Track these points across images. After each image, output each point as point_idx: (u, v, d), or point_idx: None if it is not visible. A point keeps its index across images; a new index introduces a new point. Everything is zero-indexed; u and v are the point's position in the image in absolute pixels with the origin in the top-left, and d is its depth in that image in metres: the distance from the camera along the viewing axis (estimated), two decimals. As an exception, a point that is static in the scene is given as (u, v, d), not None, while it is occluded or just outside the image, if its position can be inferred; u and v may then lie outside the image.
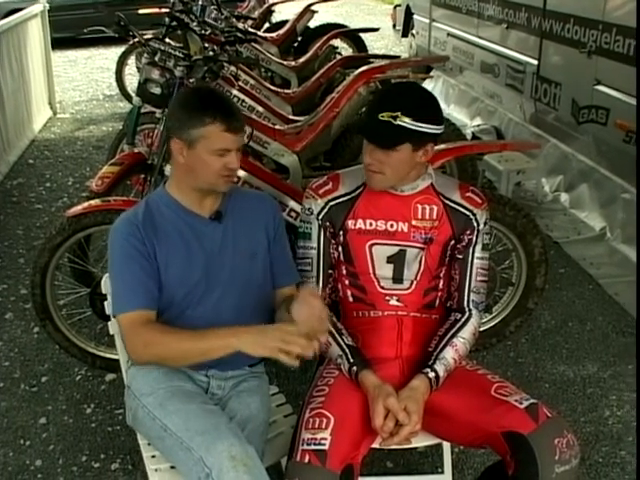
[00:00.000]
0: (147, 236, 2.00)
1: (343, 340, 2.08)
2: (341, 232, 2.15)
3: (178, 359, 1.93)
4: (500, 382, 2.03)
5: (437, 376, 2.01)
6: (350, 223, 2.13)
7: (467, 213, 2.14)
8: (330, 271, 2.21)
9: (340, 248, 2.17)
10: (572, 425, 2.94)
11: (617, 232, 4.51)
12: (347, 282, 2.19)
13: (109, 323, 2.25)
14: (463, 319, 2.15)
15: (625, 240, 4.39)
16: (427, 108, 2.01)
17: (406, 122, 1.94)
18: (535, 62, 5.52)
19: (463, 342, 2.10)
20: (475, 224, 2.14)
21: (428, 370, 2.01)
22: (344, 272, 2.19)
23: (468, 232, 2.14)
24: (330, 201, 2.15)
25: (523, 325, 3.48)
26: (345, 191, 2.15)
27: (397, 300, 2.15)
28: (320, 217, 2.16)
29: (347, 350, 2.06)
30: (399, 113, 1.93)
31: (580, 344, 3.55)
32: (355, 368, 2.02)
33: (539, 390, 3.19)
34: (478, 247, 2.16)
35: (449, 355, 2.05)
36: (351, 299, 2.19)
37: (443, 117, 2.07)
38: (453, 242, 2.16)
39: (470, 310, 2.17)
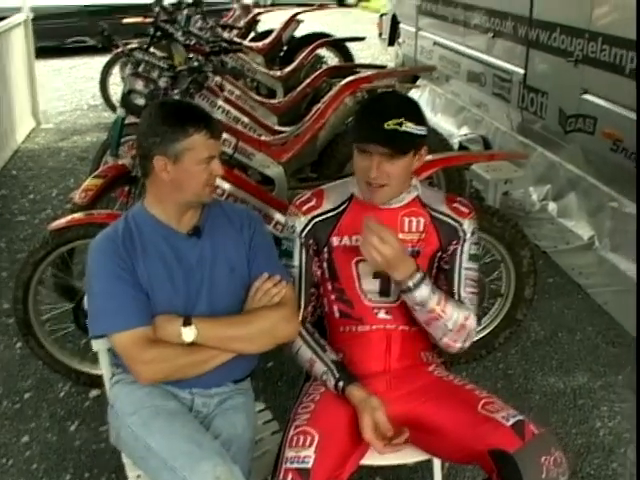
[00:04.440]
0: (128, 255, 1.98)
1: (327, 356, 2.07)
2: (326, 249, 2.13)
3: (187, 370, 1.97)
4: (487, 397, 2.01)
5: (411, 287, 1.98)
6: (335, 240, 2.11)
7: (454, 224, 2.13)
8: (312, 290, 2.19)
9: (325, 265, 2.16)
10: (563, 437, 2.93)
11: (605, 241, 4.50)
12: (333, 297, 2.17)
13: (93, 340, 2.22)
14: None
15: (613, 249, 4.39)
16: (419, 111, 2.02)
17: (410, 127, 1.94)
18: (522, 71, 5.52)
19: (454, 306, 2.05)
20: (461, 234, 2.13)
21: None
22: (330, 288, 2.17)
23: (454, 242, 2.13)
24: (314, 218, 2.13)
25: (512, 336, 3.47)
26: (329, 207, 2.13)
27: (386, 313, 2.13)
28: (303, 235, 2.14)
29: (332, 366, 2.04)
30: (403, 119, 1.93)
31: (570, 355, 3.55)
32: (342, 383, 2.00)
33: (529, 402, 3.18)
34: (465, 257, 2.14)
35: (436, 294, 2.02)
36: (337, 315, 2.18)
37: None
38: (440, 254, 2.14)
39: None
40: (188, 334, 1.94)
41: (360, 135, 1.97)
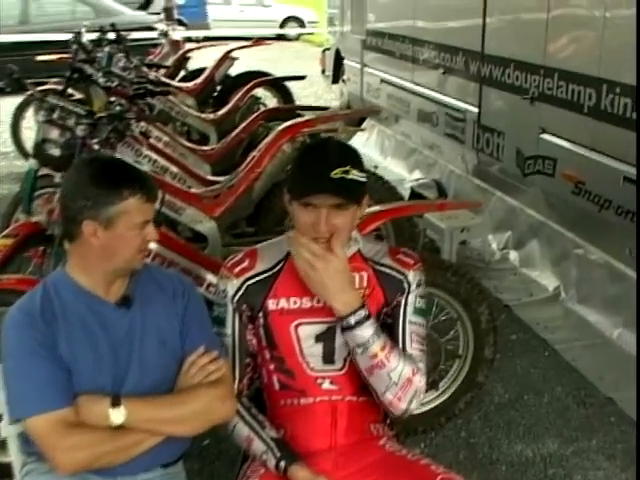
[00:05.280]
0: (47, 328, 1.96)
1: (267, 433, 2.08)
2: (261, 314, 2.14)
3: (113, 457, 1.94)
4: (445, 473, 2.03)
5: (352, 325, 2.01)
6: (271, 303, 2.13)
7: (398, 276, 2.16)
8: (248, 360, 2.20)
9: (262, 331, 2.17)
10: (533, 513, 2.96)
11: (572, 292, 4.60)
12: (272, 367, 2.18)
13: (0, 425, 2.18)
14: None
15: (581, 300, 4.49)
16: (361, 158, 2.08)
17: (356, 175, 1.99)
18: (475, 110, 5.69)
19: (400, 357, 2.06)
20: (406, 285, 2.16)
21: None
22: (268, 357, 2.18)
23: (399, 295, 2.16)
24: (247, 280, 2.14)
25: (474, 401, 3.51)
26: (264, 268, 2.16)
27: (330, 383, 2.15)
28: (235, 300, 2.15)
29: (272, 444, 2.05)
30: (349, 167, 1.98)
31: (538, 419, 3.60)
32: (283, 463, 2.01)
33: (495, 474, 3.20)
34: (409, 309, 2.16)
35: (381, 338, 2.04)
36: (277, 386, 2.18)
37: None
38: (385, 309, 2.17)
39: None
40: (117, 416, 1.92)
41: (306, 187, 1.99)
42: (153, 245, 3.24)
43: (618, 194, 4.03)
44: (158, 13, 13.62)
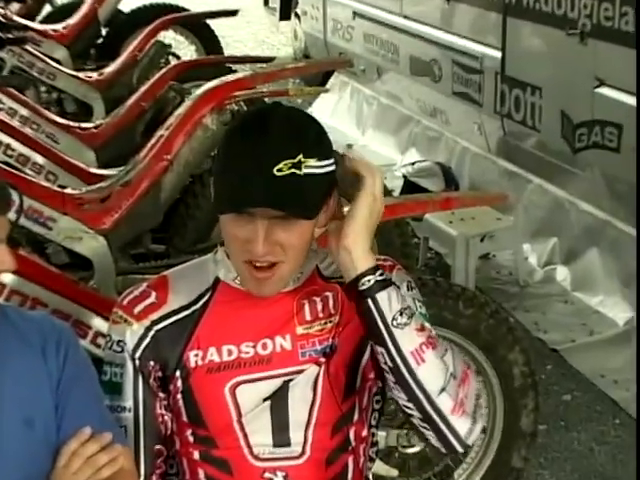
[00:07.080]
0: None
1: None
2: (178, 373, 2.13)
3: None
4: None
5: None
6: (193, 357, 2.12)
7: None
8: (159, 446, 2.20)
9: (180, 400, 2.16)
10: None
11: (653, 326, 4.64)
12: (197, 456, 2.18)
13: None
14: None
15: (667, 338, 4.53)
16: (320, 133, 2.07)
17: (313, 166, 1.97)
18: (498, 55, 5.75)
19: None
20: None
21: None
22: (190, 439, 2.18)
23: None
24: (154, 324, 2.13)
25: (510, 497, 3.54)
26: (180, 304, 2.15)
27: (285, 477, 2.16)
28: (138, 355, 2.14)
29: None
30: (301, 156, 1.96)
31: (611, 521, 3.65)
32: None
33: None
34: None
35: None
36: (205, 484, 2.21)
37: None
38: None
39: None
40: None
41: (232, 195, 1.97)
42: (7, 278, 3.23)
43: None
44: None
